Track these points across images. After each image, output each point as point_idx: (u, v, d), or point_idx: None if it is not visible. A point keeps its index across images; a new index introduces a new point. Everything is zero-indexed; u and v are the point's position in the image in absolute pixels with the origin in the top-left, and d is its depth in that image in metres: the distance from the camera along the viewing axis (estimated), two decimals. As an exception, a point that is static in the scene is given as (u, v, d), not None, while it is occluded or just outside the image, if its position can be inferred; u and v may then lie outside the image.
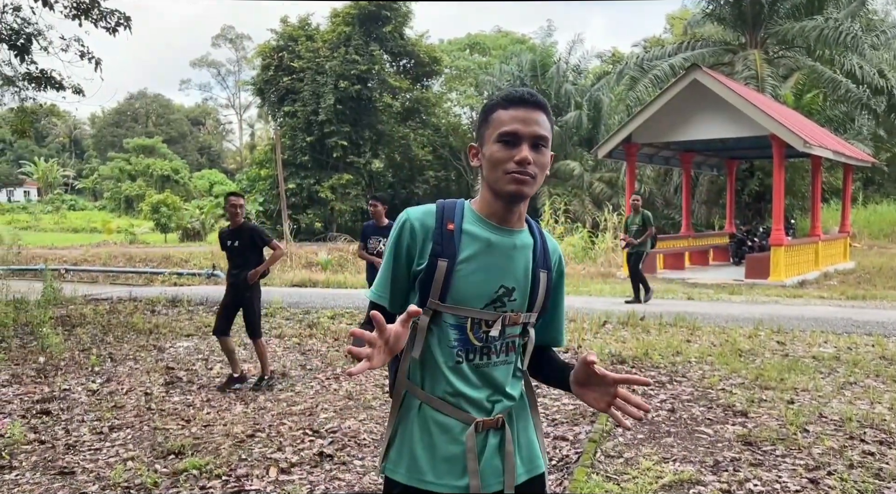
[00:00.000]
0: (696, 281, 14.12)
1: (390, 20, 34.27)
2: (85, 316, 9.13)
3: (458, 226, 1.55)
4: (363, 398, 5.45)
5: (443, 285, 1.51)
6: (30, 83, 11.65)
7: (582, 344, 7.27)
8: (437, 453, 1.53)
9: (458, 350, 1.52)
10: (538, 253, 1.60)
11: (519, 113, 1.49)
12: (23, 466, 4.06)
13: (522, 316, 1.57)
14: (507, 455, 1.55)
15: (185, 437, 4.50)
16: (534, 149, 1.50)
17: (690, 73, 14.33)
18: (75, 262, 19.40)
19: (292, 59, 33.52)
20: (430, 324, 1.54)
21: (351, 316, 9.46)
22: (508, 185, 1.49)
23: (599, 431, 4.41)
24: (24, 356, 7.01)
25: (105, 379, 6.15)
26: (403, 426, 1.58)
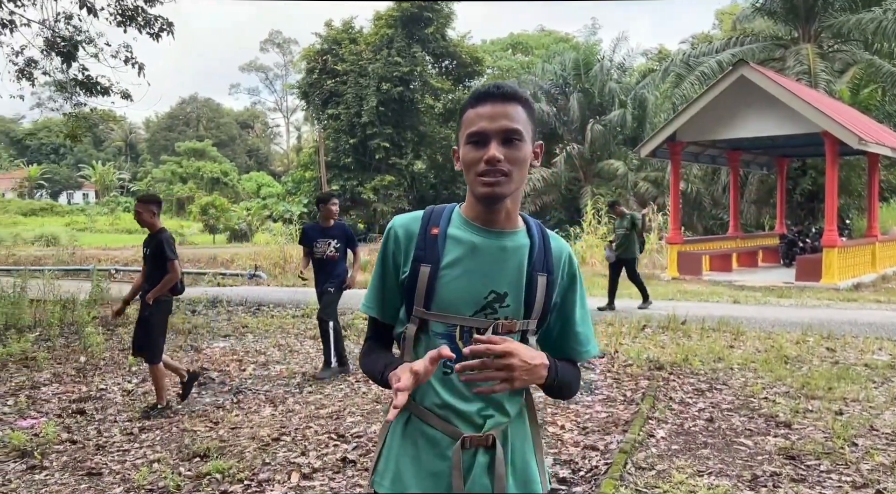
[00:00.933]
0: (744, 283, 13.66)
1: (432, 21, 34.32)
2: (128, 316, 9.31)
3: (442, 230, 1.47)
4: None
5: (426, 292, 1.44)
6: (78, 89, 12.01)
7: (619, 349, 7.07)
8: (423, 467, 1.45)
9: (447, 361, 1.40)
10: (535, 256, 1.48)
11: (485, 109, 1.40)
12: (53, 466, 4.12)
13: (519, 323, 1.46)
14: (498, 478, 1.44)
15: (211, 440, 4.51)
16: (505, 145, 1.40)
17: (737, 68, 13.88)
18: (126, 263, 19.93)
19: (336, 63, 33.87)
20: (417, 333, 1.47)
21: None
22: (480, 188, 1.41)
23: (631, 441, 4.24)
24: (66, 355, 7.18)
25: (141, 379, 6.24)
26: (392, 437, 1.51)
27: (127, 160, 79.21)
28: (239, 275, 15.15)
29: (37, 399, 5.60)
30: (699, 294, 11.85)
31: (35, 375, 6.33)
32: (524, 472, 1.51)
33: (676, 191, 16.31)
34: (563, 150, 30.78)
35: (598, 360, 6.65)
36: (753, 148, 17.50)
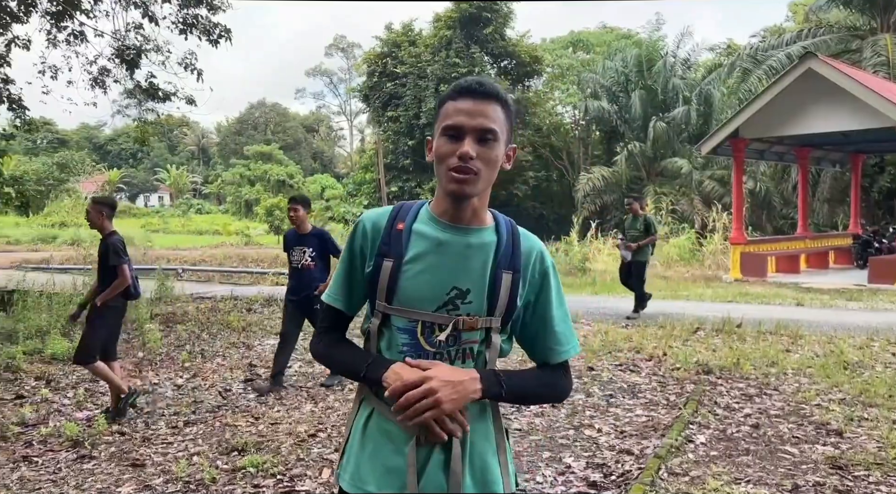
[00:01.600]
0: (811, 285, 13.07)
1: (491, 21, 34.27)
2: (187, 314, 9.69)
3: (408, 225, 1.48)
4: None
5: (388, 286, 1.44)
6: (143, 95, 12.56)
7: (667, 352, 6.88)
8: (380, 462, 1.45)
9: (407, 355, 1.43)
10: (502, 253, 1.47)
11: (466, 105, 1.40)
12: (101, 456, 4.32)
13: (481, 320, 1.44)
14: (453, 474, 1.42)
15: (250, 435, 4.63)
16: (480, 143, 1.39)
17: (804, 61, 13.30)
18: (194, 262, 20.72)
19: (395, 65, 34.23)
20: (380, 327, 1.48)
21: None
22: (450, 184, 1.41)
23: (667, 446, 4.12)
24: (126, 350, 7.50)
25: (192, 374, 6.46)
26: (354, 433, 1.52)
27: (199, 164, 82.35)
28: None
29: (94, 391, 5.88)
30: (761, 296, 11.41)
31: (96, 369, 6.64)
32: (483, 471, 1.48)
33: (740, 189, 15.77)
34: (625, 149, 30.19)
35: (643, 363, 6.50)
36: (824, 144, 16.73)
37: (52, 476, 4.00)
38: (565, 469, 3.96)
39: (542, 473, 3.90)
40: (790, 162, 18.37)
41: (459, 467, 1.43)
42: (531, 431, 4.64)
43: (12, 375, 6.37)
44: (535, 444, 4.39)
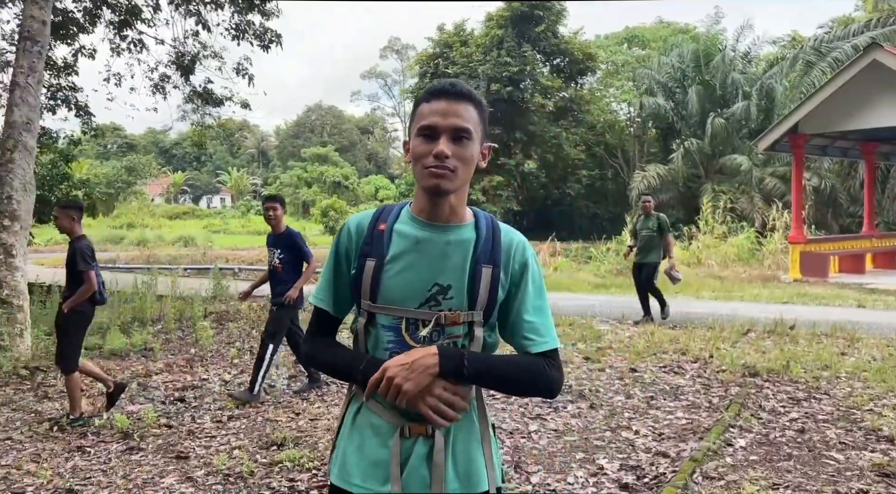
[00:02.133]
0: (876, 286, 12.51)
1: (543, 20, 34.05)
2: (239, 312, 9.97)
3: (389, 226, 1.51)
4: (467, 400, 5.43)
5: (371, 285, 1.47)
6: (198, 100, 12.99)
7: (714, 354, 6.71)
8: (365, 455, 1.48)
9: (392, 351, 1.46)
10: (481, 248, 1.49)
11: (439, 105, 1.43)
12: (148, 448, 4.50)
13: (463, 315, 1.46)
14: (435, 466, 1.44)
15: (290, 429, 4.75)
16: (455, 142, 1.43)
17: (869, 52, 12.74)
18: (251, 262, 21.27)
19: (447, 66, 34.38)
20: (366, 326, 1.51)
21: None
22: (426, 180, 1.44)
23: (704, 449, 4.03)
24: (179, 347, 7.79)
25: (239, 370, 6.66)
26: (344, 427, 1.56)
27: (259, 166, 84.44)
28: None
29: (147, 386, 6.12)
30: (820, 297, 10.99)
31: (150, 364, 6.91)
32: (467, 465, 1.49)
33: (799, 186, 15.24)
34: (681, 146, 29.51)
35: (688, 365, 6.37)
36: (893, 138, 15.98)
37: (103, 466, 4.19)
38: (598, 470, 3.92)
39: (574, 474, 3.87)
40: (855, 158, 17.63)
41: (442, 459, 1.45)
42: (566, 431, 4.61)
43: (73, 369, 6.68)
44: (569, 445, 4.36)
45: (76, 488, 3.83)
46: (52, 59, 12.85)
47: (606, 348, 7.22)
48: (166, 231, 39.82)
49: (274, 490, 3.78)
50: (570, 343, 7.51)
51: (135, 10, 11.87)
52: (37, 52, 7.60)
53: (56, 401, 5.68)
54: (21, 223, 7.29)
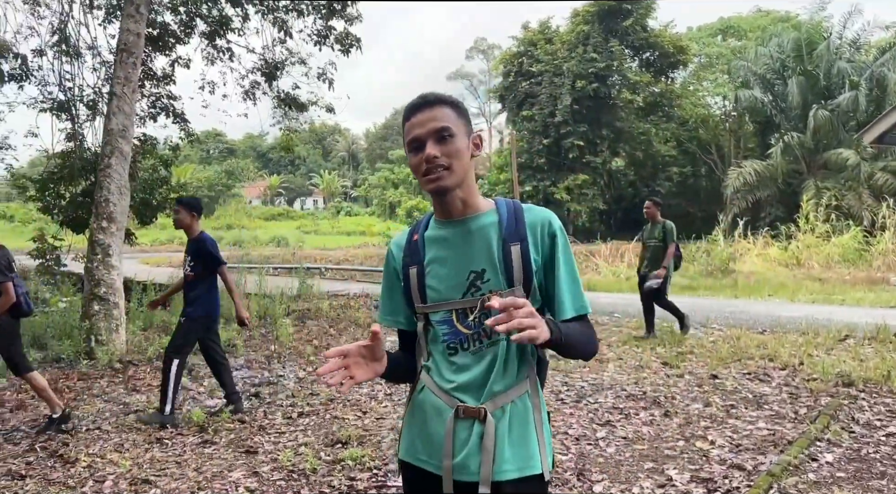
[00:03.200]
0: None
1: (631, 14, 33.12)
2: (320, 310, 10.22)
3: (420, 235, 1.67)
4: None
5: (419, 289, 1.62)
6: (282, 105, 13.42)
7: (805, 361, 6.28)
8: (429, 433, 1.61)
9: (450, 342, 1.59)
10: (506, 228, 1.58)
11: (415, 118, 1.56)
12: (220, 442, 4.66)
13: (505, 293, 1.54)
14: (485, 451, 1.53)
15: (356, 428, 4.79)
16: (440, 143, 1.54)
17: None
18: (338, 262, 21.86)
19: (531, 64, 34.07)
20: (425, 327, 1.65)
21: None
22: (427, 185, 1.57)
23: (784, 463, 3.76)
24: (261, 344, 8.05)
25: (314, 368, 6.80)
26: (411, 411, 1.68)
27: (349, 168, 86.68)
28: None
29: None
30: (934, 301, 10.10)
31: (232, 360, 7.17)
32: (523, 445, 1.56)
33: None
34: (780, 140, 27.99)
35: (775, 372, 5.98)
36: None
37: (177, 458, 4.37)
38: (666, 481, 3.73)
39: (641, 484, 3.70)
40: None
41: (492, 443, 1.52)
42: (636, 439, 4.42)
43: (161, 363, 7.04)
44: (638, 453, 4.18)
45: (151, 478, 4.00)
46: (153, 70, 13.64)
47: (687, 353, 6.90)
48: (261, 232, 41.53)
49: (334, 487, 3.81)
50: (649, 347, 7.23)
51: (225, 21, 12.39)
52: (132, 63, 8.06)
53: (143, 394, 5.98)
54: (117, 224, 7.75)
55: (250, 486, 3.89)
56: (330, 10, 10.83)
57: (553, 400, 5.42)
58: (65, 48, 12.40)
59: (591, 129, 32.78)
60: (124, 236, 13.78)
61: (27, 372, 4.88)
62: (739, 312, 9.25)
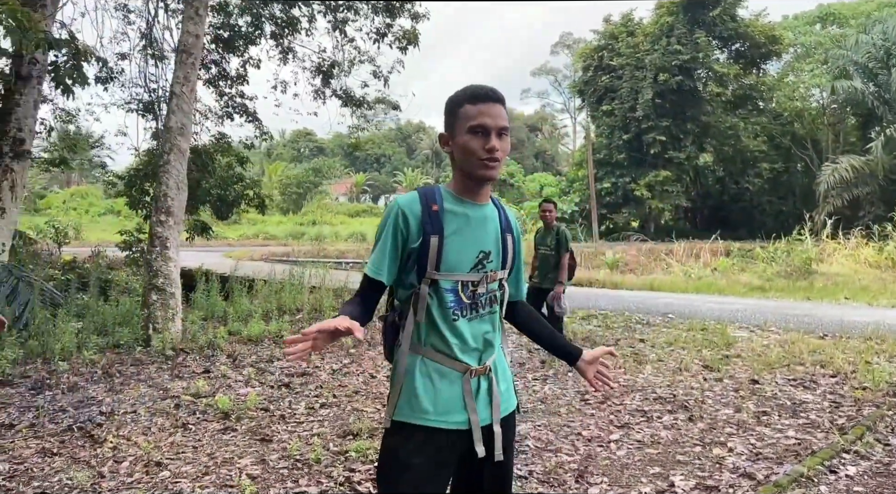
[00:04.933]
0: None
1: (719, 3, 31.72)
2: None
3: (440, 206, 1.82)
4: (554, 404, 5.20)
5: (437, 257, 1.79)
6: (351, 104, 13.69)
7: (860, 368, 5.83)
8: (439, 395, 1.79)
9: (454, 309, 1.81)
10: (503, 221, 1.91)
11: (485, 108, 1.75)
12: (240, 429, 4.81)
13: (499, 274, 1.88)
14: (494, 397, 1.85)
15: (371, 421, 4.84)
16: (499, 138, 1.76)
17: None
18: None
19: (611, 58, 33.26)
20: (430, 291, 1.81)
21: (604, 317, 9.04)
22: (481, 170, 1.77)
23: (796, 474, 3.51)
24: (307, 336, 8.24)
25: (350, 361, 6.91)
26: (409, 379, 1.82)
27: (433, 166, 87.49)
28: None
29: (265, 370, 6.56)
30: None
31: (276, 351, 7.40)
32: (508, 390, 1.94)
33: None
34: (882, 134, 26.13)
35: (824, 379, 5.59)
36: None
37: (196, 443, 4.54)
38: (667, 487, 3.57)
39: (639, 489, 3.55)
40: None
41: (498, 391, 1.87)
42: (651, 443, 4.25)
43: (211, 352, 7.35)
44: (648, 457, 4.02)
45: (165, 461, 4.18)
46: (226, 71, 14.24)
47: (734, 356, 6.56)
48: (342, 228, 42.58)
49: (332, 478, 3.86)
50: (695, 349, 6.93)
51: (292, 22, 12.78)
52: (191, 64, 8.43)
53: (185, 381, 6.25)
54: (174, 218, 8.13)
55: (253, 473, 4.00)
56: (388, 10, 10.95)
57: (577, 401, 5.28)
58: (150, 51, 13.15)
59: (675, 124, 31.63)
60: (201, 231, 14.51)
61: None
62: (804, 315, 8.70)
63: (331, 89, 11.93)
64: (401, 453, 1.80)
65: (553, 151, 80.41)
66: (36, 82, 10.30)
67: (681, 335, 7.72)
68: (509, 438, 1.91)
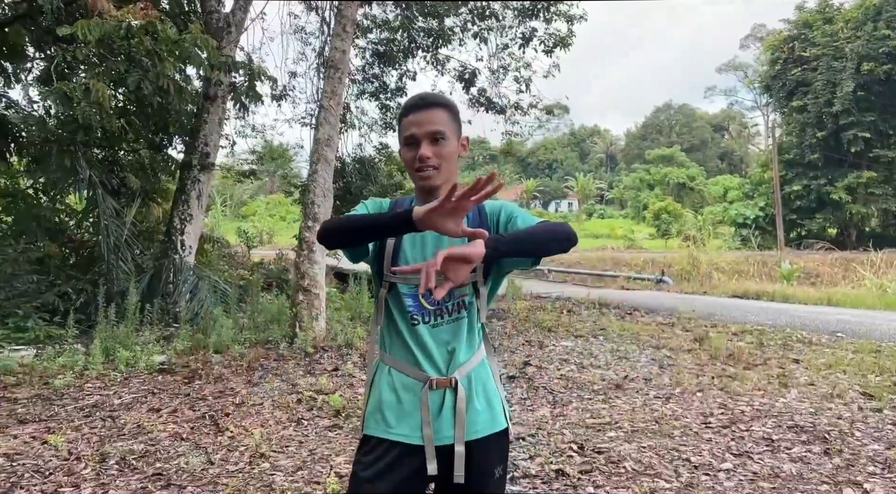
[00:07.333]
0: None
1: (937, -23, 27.65)
2: (509, 311, 10.28)
3: None
4: (668, 425, 4.77)
5: (392, 260, 1.77)
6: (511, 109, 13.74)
7: None
8: (403, 408, 1.73)
9: (413, 313, 1.75)
10: (470, 221, 1.76)
11: (413, 117, 1.72)
12: (345, 428, 4.96)
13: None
14: (458, 413, 1.70)
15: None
16: (434, 144, 1.71)
17: None
18: (569, 264, 21.70)
19: (804, 48, 30.27)
20: (388, 294, 1.79)
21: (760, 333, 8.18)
22: (417, 182, 1.75)
23: None
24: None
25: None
26: (376, 390, 1.80)
27: (606, 170, 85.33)
28: (646, 280, 15.00)
29: (389, 372, 6.72)
30: None
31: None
32: (490, 409, 1.76)
33: None
34: None
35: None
36: None
37: (303, 438, 4.76)
38: (769, 531, 3.12)
39: (735, 530, 3.15)
40: None
41: (464, 407, 1.70)
42: (768, 476, 3.76)
43: (346, 350, 7.70)
44: (759, 491, 3.55)
45: (269, 454, 4.43)
46: (387, 85, 14.94)
47: (908, 384, 5.62)
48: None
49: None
50: (859, 373, 6.04)
51: (445, 35, 13.11)
52: (338, 78, 8.92)
53: (314, 377, 6.60)
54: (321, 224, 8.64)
55: (342, 472, 4.11)
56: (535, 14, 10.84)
57: (697, 423, 4.82)
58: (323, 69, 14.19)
59: (882, 119, 28.01)
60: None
61: None
62: None
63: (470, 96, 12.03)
64: (359, 469, 1.75)
65: (742, 152, 74.81)
66: (220, 102, 11.55)
67: (845, 356, 6.77)
68: (489, 463, 1.75)
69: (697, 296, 11.47)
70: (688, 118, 75.07)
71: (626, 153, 78.56)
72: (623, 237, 33.36)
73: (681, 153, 60.33)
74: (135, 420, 5.07)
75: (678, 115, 75.98)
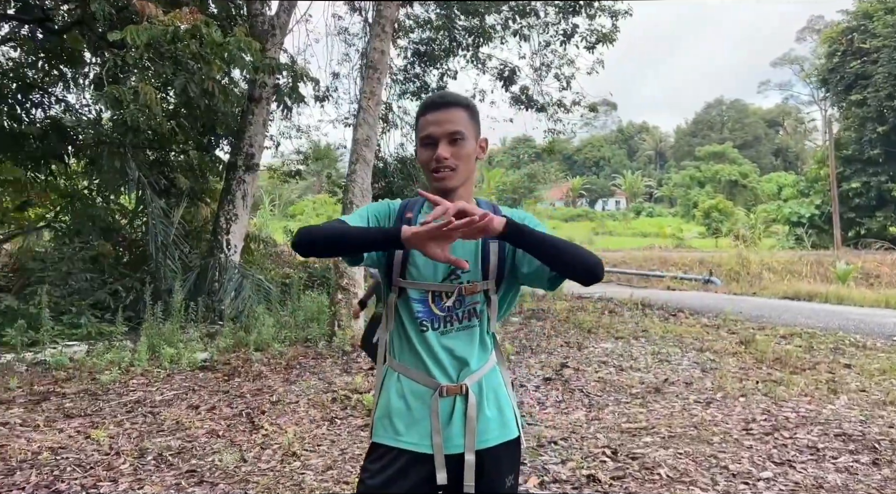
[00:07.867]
0: None
1: None
2: (550, 311, 10.16)
3: (415, 215, 1.77)
4: (708, 430, 4.63)
5: (402, 265, 1.73)
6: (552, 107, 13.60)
7: None
8: (412, 415, 1.70)
9: (422, 320, 1.71)
10: None
11: (432, 116, 1.69)
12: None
13: (479, 285, 1.71)
14: (469, 420, 1.67)
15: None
16: (452, 144, 1.67)
17: None
18: (615, 264, 21.35)
19: (863, 40, 29.12)
20: (398, 300, 1.75)
21: (810, 337, 7.88)
22: (434, 182, 1.70)
23: None
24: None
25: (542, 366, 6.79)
26: (385, 397, 1.77)
27: (656, 168, 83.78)
28: (694, 280, 14.63)
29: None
30: None
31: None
32: (501, 417, 1.73)
33: None
34: None
35: None
36: None
37: (335, 437, 4.78)
38: (808, 545, 2.99)
39: (772, 543, 3.02)
40: None
41: (474, 413, 1.67)
42: (812, 487, 3.60)
43: (384, 350, 7.73)
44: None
45: (300, 452, 4.46)
46: (427, 84, 14.95)
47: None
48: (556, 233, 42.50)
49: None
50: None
51: (486, 33, 13.04)
52: (377, 79, 8.95)
53: (350, 376, 6.64)
54: (359, 224, 8.69)
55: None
56: (576, 11, 10.69)
57: (738, 429, 4.66)
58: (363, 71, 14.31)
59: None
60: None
61: None
62: None
63: (511, 94, 11.94)
64: (366, 477, 1.72)
65: (798, 149, 72.46)
66: (265, 103, 11.74)
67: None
68: (500, 472, 1.72)
69: (746, 297, 11.12)
70: (740, 114, 73.10)
71: (675, 150, 76.97)
72: (671, 236, 32.66)
73: (733, 150, 58.77)
74: (174, 417, 5.18)
75: (730, 111, 74.06)
